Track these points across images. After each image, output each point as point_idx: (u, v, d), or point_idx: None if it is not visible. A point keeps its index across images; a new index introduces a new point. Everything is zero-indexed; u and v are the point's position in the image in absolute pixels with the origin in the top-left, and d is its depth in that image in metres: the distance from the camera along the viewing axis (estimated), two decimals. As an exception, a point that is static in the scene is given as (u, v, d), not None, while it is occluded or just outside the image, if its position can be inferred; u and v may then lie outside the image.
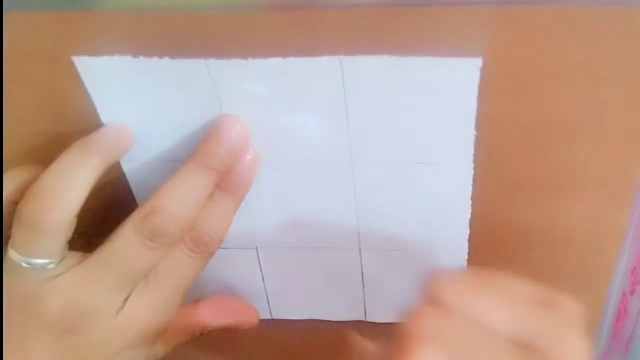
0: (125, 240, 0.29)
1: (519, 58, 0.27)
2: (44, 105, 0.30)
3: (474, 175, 0.31)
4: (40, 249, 0.29)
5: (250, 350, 0.41)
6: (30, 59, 0.29)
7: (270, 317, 0.39)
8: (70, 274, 0.29)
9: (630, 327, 0.37)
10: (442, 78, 0.27)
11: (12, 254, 0.29)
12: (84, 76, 0.29)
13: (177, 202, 0.29)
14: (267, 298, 0.38)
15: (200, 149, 0.30)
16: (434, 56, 0.27)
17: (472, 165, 0.30)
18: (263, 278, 0.37)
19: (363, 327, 0.38)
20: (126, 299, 0.30)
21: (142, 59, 0.28)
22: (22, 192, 0.29)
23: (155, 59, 0.28)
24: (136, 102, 0.30)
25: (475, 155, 0.30)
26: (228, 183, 0.31)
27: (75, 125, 0.30)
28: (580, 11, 0.25)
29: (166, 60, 0.28)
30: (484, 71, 0.27)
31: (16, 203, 0.29)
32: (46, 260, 0.29)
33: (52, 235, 0.28)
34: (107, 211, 0.30)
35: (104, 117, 0.30)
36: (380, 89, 0.28)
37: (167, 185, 0.29)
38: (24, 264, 0.29)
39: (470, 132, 0.29)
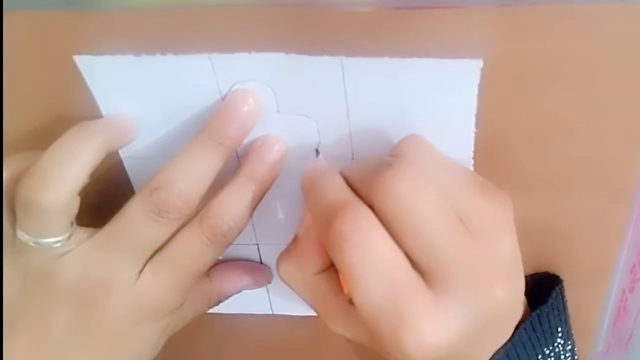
0: (134, 215, 0.29)
1: (519, 58, 0.27)
2: (46, 105, 0.31)
3: (474, 174, 0.31)
4: (44, 228, 0.29)
5: (251, 346, 0.41)
6: (31, 59, 0.29)
7: (271, 313, 0.39)
8: (82, 248, 0.30)
9: (630, 325, 0.37)
10: (443, 79, 0.27)
11: (19, 234, 0.29)
12: (86, 75, 0.29)
13: (184, 177, 0.29)
14: (268, 294, 0.39)
15: (210, 123, 0.29)
16: (435, 57, 0.27)
17: (472, 163, 0.30)
18: (264, 274, 0.38)
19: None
20: (140, 273, 0.30)
21: (144, 56, 0.28)
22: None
23: (157, 56, 0.28)
24: (138, 99, 0.30)
25: (475, 153, 0.30)
26: (255, 171, 0.30)
27: (76, 124, 0.30)
28: (580, 11, 0.25)
29: (169, 57, 0.28)
30: (484, 71, 0.27)
31: None
32: (53, 239, 0.29)
33: (52, 214, 0.28)
34: (109, 209, 0.30)
35: (106, 115, 0.31)
36: (381, 89, 0.28)
37: (175, 159, 0.29)
38: (32, 244, 0.29)
39: (470, 131, 0.29)
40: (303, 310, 0.39)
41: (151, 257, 0.30)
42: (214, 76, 0.29)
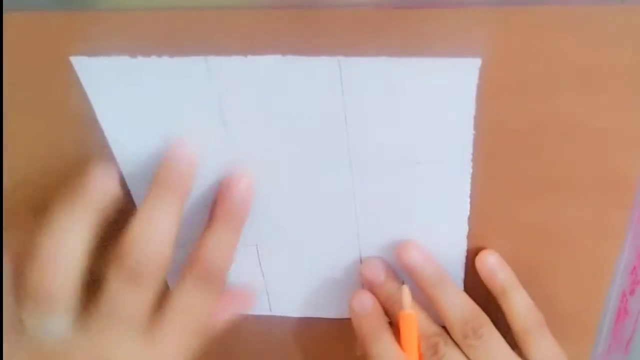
0: (113, 288, 0.29)
1: (518, 58, 0.26)
2: (42, 105, 0.31)
3: (473, 175, 0.31)
4: (47, 312, 0.29)
5: (250, 346, 0.41)
6: (28, 59, 0.29)
7: (270, 314, 0.39)
8: (83, 329, 0.30)
9: (630, 326, 0.37)
10: (441, 79, 0.27)
11: (23, 316, 0.29)
12: (82, 76, 0.29)
13: (149, 240, 0.29)
14: (267, 294, 0.38)
15: (158, 175, 0.30)
16: (433, 57, 0.26)
17: (470, 164, 0.30)
18: (263, 275, 0.38)
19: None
20: (151, 340, 0.31)
21: (140, 58, 0.28)
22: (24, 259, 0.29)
23: (153, 57, 0.28)
24: (133, 101, 0.30)
25: (473, 154, 0.30)
26: (226, 212, 0.31)
27: (72, 124, 0.30)
28: (579, 11, 0.25)
29: (165, 59, 0.28)
30: (483, 71, 0.27)
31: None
32: (56, 322, 0.29)
33: (58, 300, 0.29)
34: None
35: (100, 117, 0.30)
36: (379, 89, 0.28)
37: (137, 221, 0.29)
38: (35, 327, 0.29)
39: (469, 132, 0.29)
40: (302, 311, 0.39)
41: (156, 320, 0.31)
42: (210, 79, 0.29)
